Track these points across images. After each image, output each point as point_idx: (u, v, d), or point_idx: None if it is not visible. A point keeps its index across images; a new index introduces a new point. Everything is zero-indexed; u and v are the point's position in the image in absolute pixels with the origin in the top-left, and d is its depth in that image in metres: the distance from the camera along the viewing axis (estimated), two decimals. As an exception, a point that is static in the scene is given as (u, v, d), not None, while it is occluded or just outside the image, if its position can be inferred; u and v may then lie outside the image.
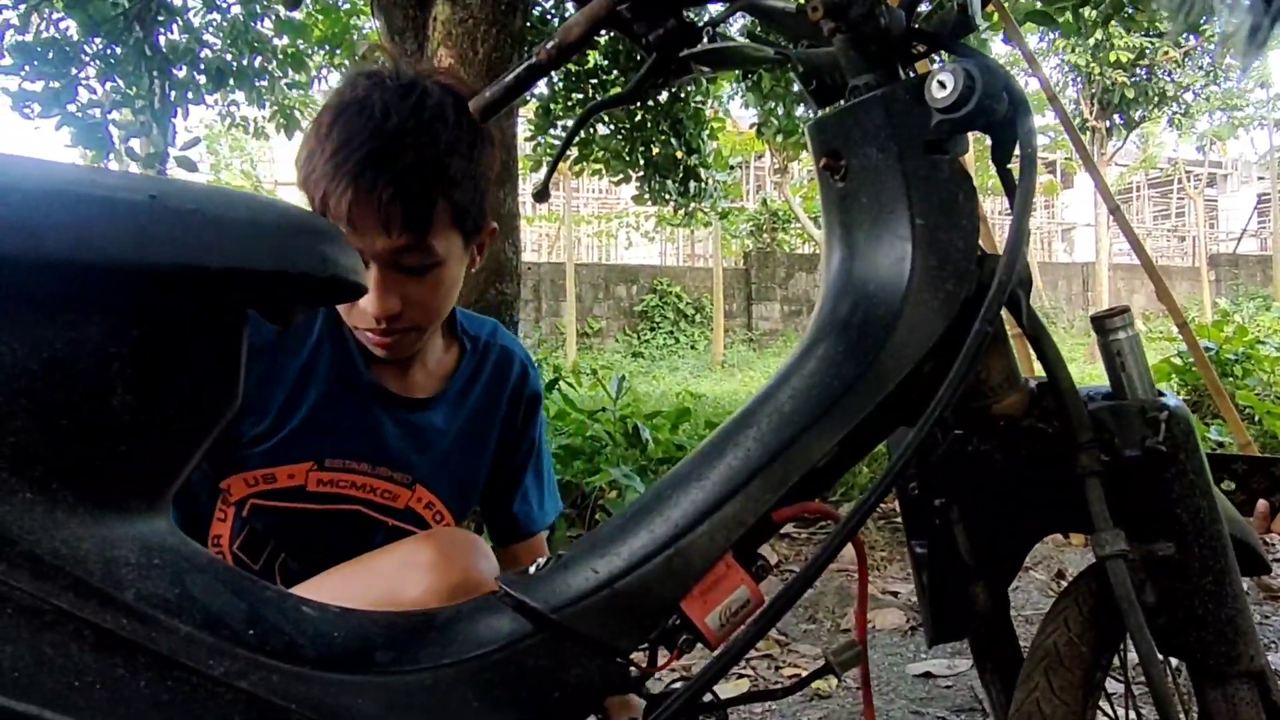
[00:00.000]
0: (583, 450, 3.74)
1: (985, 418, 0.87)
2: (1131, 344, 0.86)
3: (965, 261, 0.80)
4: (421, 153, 1.07)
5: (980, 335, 0.71)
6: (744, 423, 0.78)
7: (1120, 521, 0.82)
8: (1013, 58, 10.87)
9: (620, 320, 13.79)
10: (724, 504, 0.73)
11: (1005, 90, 0.79)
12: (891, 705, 2.20)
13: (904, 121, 0.80)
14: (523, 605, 0.71)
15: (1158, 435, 0.82)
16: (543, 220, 16.80)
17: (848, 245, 0.85)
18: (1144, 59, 13.01)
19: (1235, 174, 25.88)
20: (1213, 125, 20.77)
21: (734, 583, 0.72)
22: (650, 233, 15.84)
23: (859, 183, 0.83)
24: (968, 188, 0.81)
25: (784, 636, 2.66)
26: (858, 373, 0.76)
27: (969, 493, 0.95)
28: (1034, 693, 0.86)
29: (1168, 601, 0.85)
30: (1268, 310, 15.89)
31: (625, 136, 7.27)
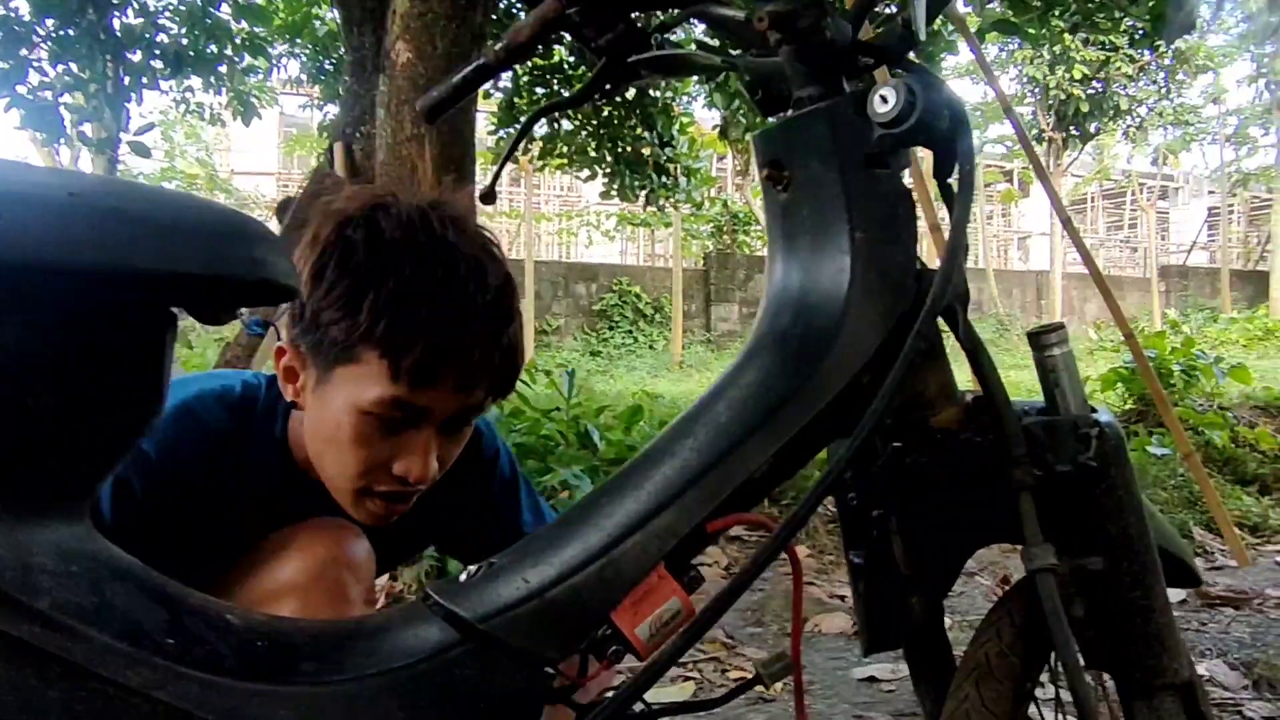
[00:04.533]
0: (536, 449, 3.72)
1: (923, 430, 0.87)
2: (1065, 360, 0.87)
3: (904, 275, 0.80)
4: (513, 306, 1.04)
5: (914, 349, 0.71)
6: (681, 433, 0.78)
7: (1052, 535, 0.84)
8: (971, 67, 11.03)
9: (579, 318, 13.76)
10: (657, 514, 0.73)
11: (946, 106, 0.80)
12: (834, 709, 2.22)
13: (846, 135, 0.81)
14: (451, 614, 0.70)
15: (1089, 451, 0.83)
16: (503, 217, 16.71)
17: (789, 257, 0.85)
18: (1100, 73, 13.24)
19: (1187, 187, 26.42)
20: (1166, 139, 21.20)
21: (665, 594, 0.72)
22: (611, 231, 15.82)
23: (801, 194, 0.83)
24: (907, 202, 0.82)
25: (731, 639, 2.67)
26: (795, 385, 0.76)
27: (906, 504, 0.95)
28: (964, 703, 0.87)
29: (1096, 615, 0.86)
30: (1215, 322, 16.25)
31: (592, 133, 7.26)
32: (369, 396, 0.97)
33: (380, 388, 0.96)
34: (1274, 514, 4.07)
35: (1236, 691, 2.35)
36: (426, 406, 0.99)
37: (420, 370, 0.96)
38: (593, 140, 7.33)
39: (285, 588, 1.04)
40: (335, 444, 1.02)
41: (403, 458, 1.01)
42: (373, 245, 0.99)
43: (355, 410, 0.98)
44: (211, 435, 1.10)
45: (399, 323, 0.95)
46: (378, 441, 1.00)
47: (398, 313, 0.96)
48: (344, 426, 0.99)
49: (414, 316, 0.96)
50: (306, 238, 1.03)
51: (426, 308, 0.96)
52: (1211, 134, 21.47)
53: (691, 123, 8.36)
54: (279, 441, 1.14)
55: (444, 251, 0.99)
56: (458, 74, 1.07)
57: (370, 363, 0.96)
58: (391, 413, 0.98)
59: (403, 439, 1.00)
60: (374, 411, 0.98)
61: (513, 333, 1.03)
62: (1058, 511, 0.85)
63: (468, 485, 1.24)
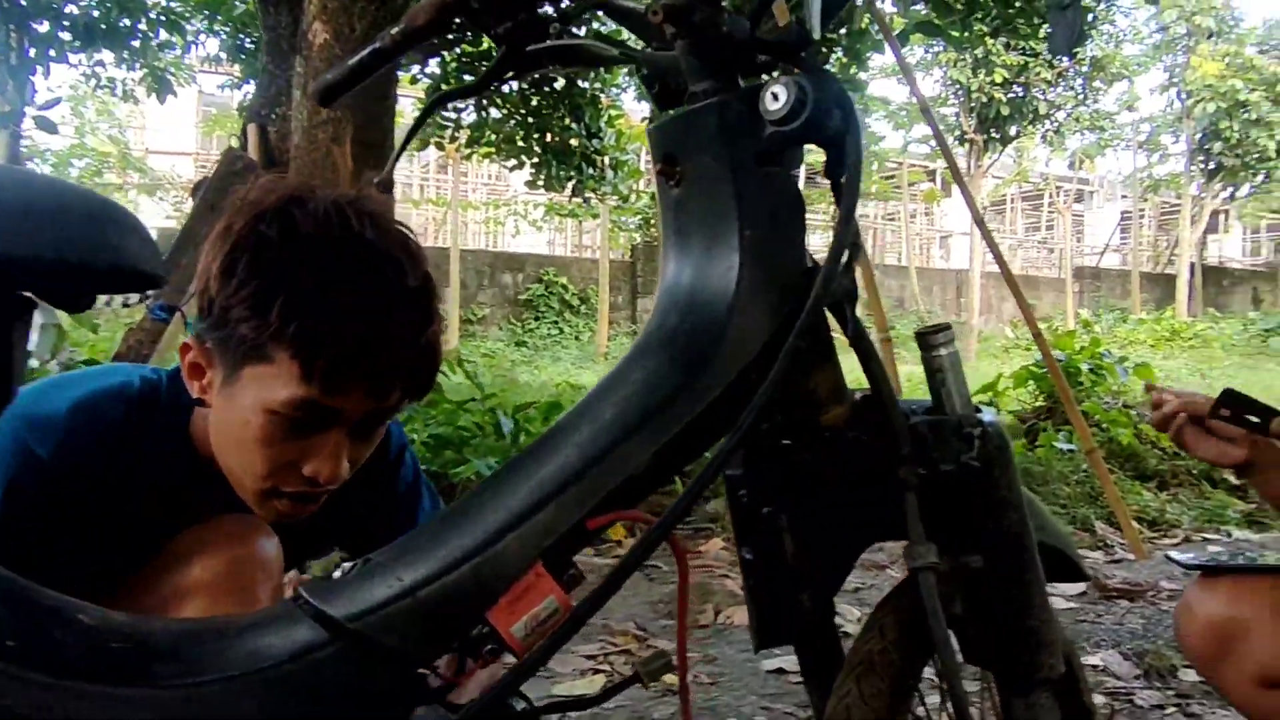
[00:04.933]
0: (452, 440, 3.69)
1: (812, 428, 0.88)
2: (952, 360, 0.88)
3: (793, 273, 0.80)
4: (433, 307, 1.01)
5: (795, 347, 0.71)
6: (563, 430, 0.77)
7: (936, 533, 0.85)
8: (897, 68, 11.21)
9: (505, 308, 13.66)
10: (536, 512, 0.72)
11: (837, 105, 0.80)
12: (743, 701, 2.24)
13: (737, 131, 0.80)
14: (321, 614, 0.68)
15: (972, 450, 0.85)
16: (429, 204, 16.49)
17: (681, 253, 0.84)
18: (1020, 77, 13.57)
19: (1101, 191, 27.26)
20: (1082, 144, 21.83)
21: (543, 592, 0.71)
22: (539, 221, 15.72)
23: (692, 190, 0.83)
24: (796, 201, 0.82)
25: (643, 631, 2.67)
26: (679, 382, 0.76)
27: (797, 501, 0.96)
28: (845, 699, 0.87)
29: (976, 612, 0.88)
30: (1125, 322, 16.83)
31: (520, 122, 7.20)
32: (279, 397, 0.94)
33: (291, 389, 0.93)
34: (1171, 509, 4.23)
35: (1129, 681, 2.43)
36: (339, 408, 0.96)
37: (334, 372, 0.93)
38: (520, 130, 7.27)
39: (192, 587, 1.02)
40: (242, 444, 0.98)
41: (313, 459, 0.98)
42: (287, 241, 0.94)
43: (264, 410, 0.95)
44: (110, 433, 1.05)
45: (313, 323, 0.92)
46: (287, 442, 0.97)
47: (312, 313, 0.92)
48: (252, 426, 0.96)
49: (329, 317, 0.92)
50: (218, 229, 0.99)
51: (342, 308, 0.93)
52: (1125, 140, 22.17)
53: (620, 115, 8.35)
54: (183, 439, 1.10)
55: (361, 249, 0.95)
56: (353, 58, 1.05)
57: (281, 363, 0.93)
58: (302, 414, 0.95)
59: (313, 440, 0.98)
60: (284, 412, 0.94)
61: (431, 334, 1.00)
62: (941, 510, 0.86)
63: (373, 483, 1.21)
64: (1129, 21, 18.15)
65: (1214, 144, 18.20)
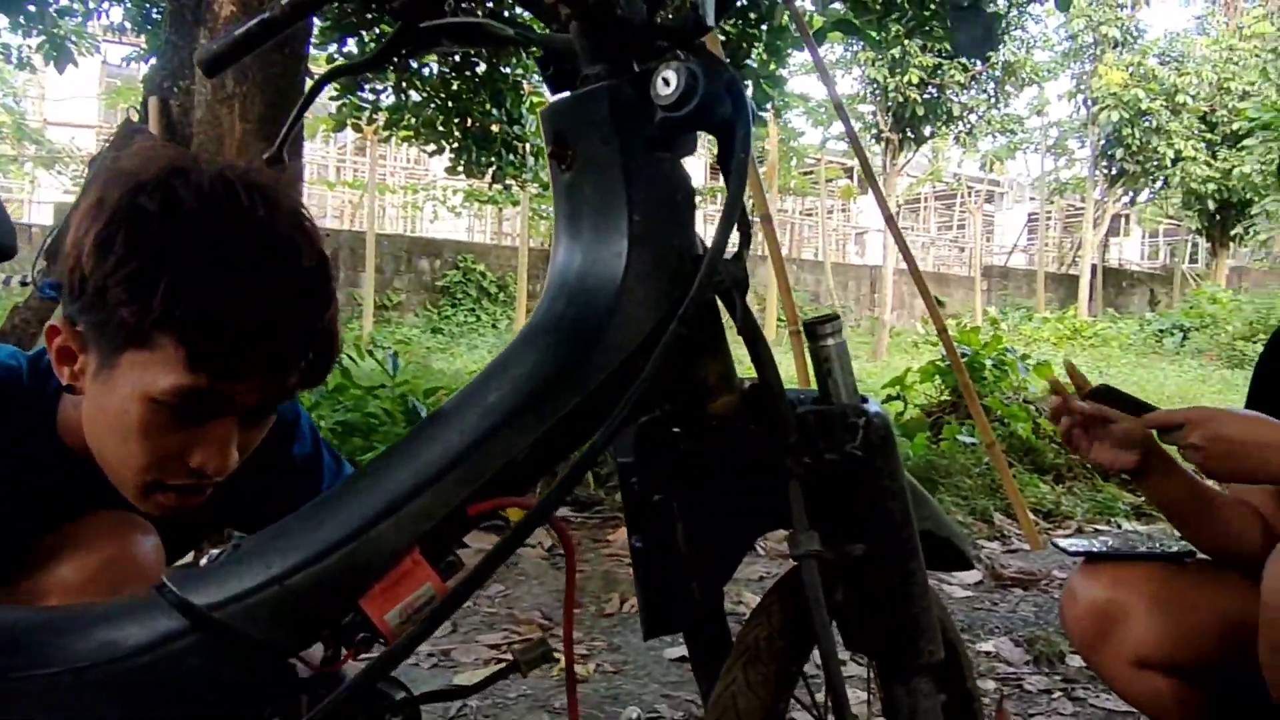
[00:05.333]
0: (360, 427, 3.62)
1: (701, 417, 0.88)
2: (839, 351, 0.89)
3: (682, 260, 0.80)
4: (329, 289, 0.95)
5: (676, 334, 0.71)
6: (446, 415, 0.75)
7: (820, 522, 0.85)
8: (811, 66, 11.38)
9: (421, 295, 13.47)
10: (414, 497, 0.70)
11: (728, 92, 0.80)
12: (645, 689, 2.25)
13: (628, 115, 0.80)
14: (182, 603, 0.65)
15: (856, 440, 0.86)
16: (346, 186, 16.14)
17: (572, 238, 0.84)
18: (935, 78, 13.88)
19: (1011, 193, 28.09)
20: (994, 146, 22.45)
21: (419, 579, 0.69)
22: (458, 207, 15.52)
23: (583, 173, 0.82)
24: (686, 187, 0.81)
25: (548, 621, 2.66)
26: (564, 368, 0.75)
27: (688, 490, 0.95)
28: (730, 686, 0.88)
29: (858, 600, 0.89)
30: (1030, 320, 17.37)
31: (440, 106, 7.08)
32: (162, 385, 0.87)
33: (176, 376, 0.87)
34: (1065, 501, 4.38)
35: (1019, 666, 2.51)
36: (229, 396, 0.90)
37: (223, 359, 0.87)
38: (440, 114, 7.15)
39: (61, 589, 0.96)
40: (120, 435, 0.92)
41: (200, 449, 0.92)
42: (169, 217, 0.88)
43: (145, 399, 0.88)
44: None
45: (201, 307, 0.85)
46: (171, 432, 0.91)
47: (199, 295, 0.85)
48: (131, 416, 0.90)
49: (218, 300, 0.86)
50: (90, 201, 0.92)
51: (232, 291, 0.86)
52: (1034, 144, 22.88)
53: (542, 101, 8.27)
54: (49, 430, 1.03)
55: (251, 227, 0.89)
56: (241, 27, 1.01)
57: (165, 349, 0.87)
58: (188, 403, 0.89)
59: (200, 430, 0.92)
60: (167, 401, 0.88)
61: (329, 318, 0.96)
62: (826, 499, 0.87)
63: (266, 461, 1.16)
64: (1040, 28, 18.69)
65: (1117, 150, 18.88)
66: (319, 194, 16.81)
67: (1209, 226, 19.34)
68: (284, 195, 0.95)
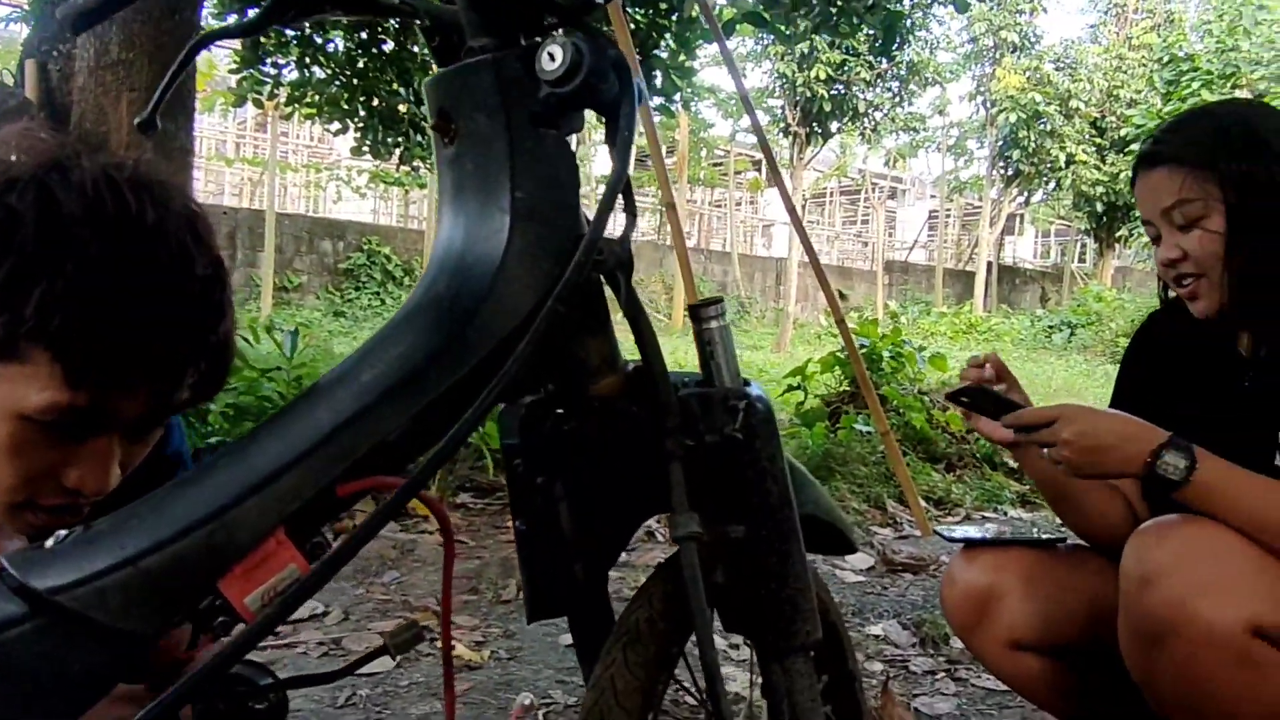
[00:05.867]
0: (253, 410, 3.51)
1: (583, 398, 0.87)
2: (722, 334, 0.89)
3: (564, 239, 0.79)
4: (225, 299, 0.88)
5: (551, 313, 0.70)
6: (318, 392, 0.73)
7: (702, 504, 0.86)
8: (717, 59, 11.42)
9: (323, 277, 13.15)
10: (280, 476, 0.68)
11: (614, 70, 0.79)
12: (539, 675, 2.24)
13: (512, 90, 0.78)
14: (22, 587, 0.62)
15: (736, 423, 0.86)
16: (245, 163, 15.63)
17: (455, 213, 0.82)
18: (842, 75, 14.12)
19: (913, 190, 28.81)
20: (897, 144, 22.99)
21: (283, 561, 0.67)
22: (363, 188, 15.18)
23: (466, 148, 0.80)
24: (571, 165, 0.81)
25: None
26: (440, 346, 0.73)
27: (571, 472, 0.95)
28: (610, 668, 0.88)
29: (736, 582, 0.90)
30: (929, 314, 17.88)
31: (345, 84, 6.90)
32: (34, 403, 0.80)
33: (51, 393, 0.79)
34: (956, 489, 4.52)
35: (906, 648, 2.58)
36: (110, 412, 0.83)
37: (103, 376, 0.80)
38: (345, 91, 6.96)
39: None
40: None
41: (77, 468, 0.84)
42: (45, 220, 0.80)
43: (15, 416, 0.80)
44: None
45: (79, 320, 0.78)
46: (43, 451, 0.83)
47: (78, 307, 0.78)
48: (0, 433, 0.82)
49: (99, 313, 0.79)
50: None
51: (113, 303, 0.79)
52: (936, 142, 23.50)
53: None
54: None
55: (138, 233, 0.81)
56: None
57: (39, 363, 0.79)
58: (64, 420, 0.81)
59: (78, 448, 0.84)
60: (40, 419, 0.80)
61: (224, 331, 0.88)
62: (707, 481, 0.87)
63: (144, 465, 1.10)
64: (943, 30, 19.18)
65: (1013, 151, 19.54)
66: (216, 170, 16.26)
67: (1097, 227, 20.18)
68: (176, 195, 0.87)
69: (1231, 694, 1.06)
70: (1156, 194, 1.28)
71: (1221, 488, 1.13)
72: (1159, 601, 1.08)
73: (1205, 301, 1.27)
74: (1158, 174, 1.28)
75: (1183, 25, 17.72)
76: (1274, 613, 1.05)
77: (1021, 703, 2.18)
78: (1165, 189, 1.26)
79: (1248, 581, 1.06)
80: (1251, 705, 1.06)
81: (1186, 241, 1.26)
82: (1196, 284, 1.27)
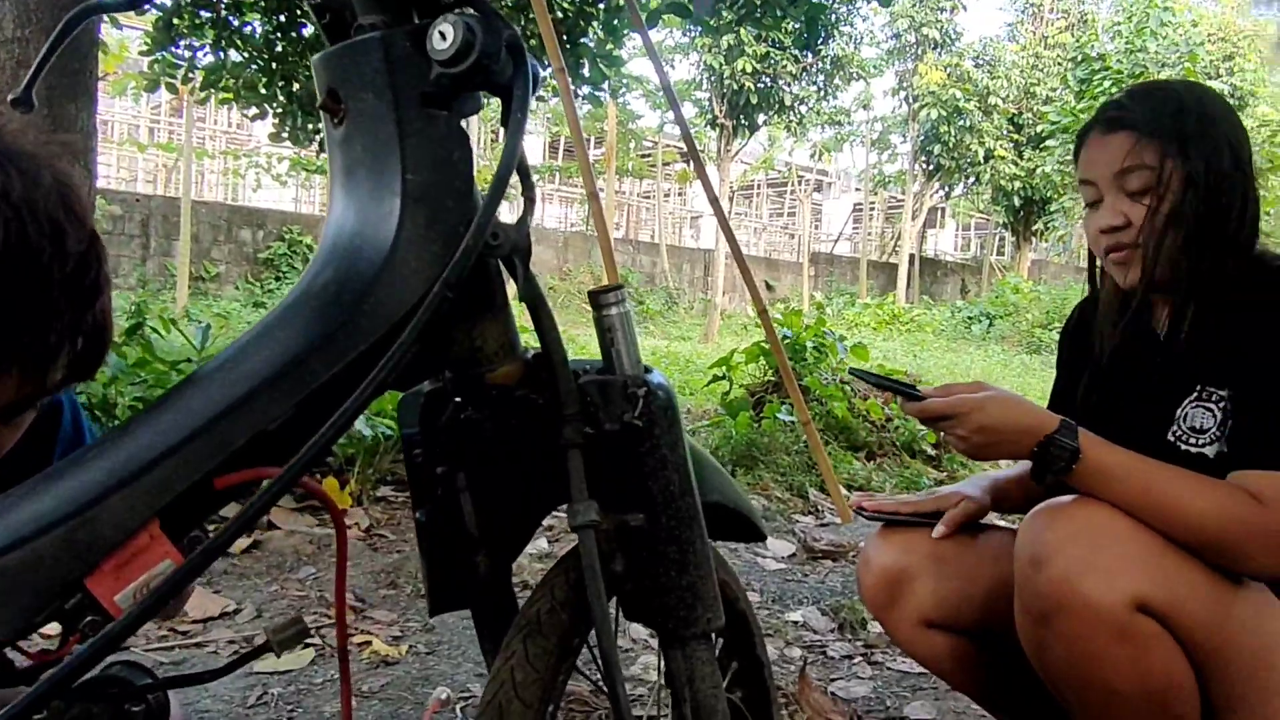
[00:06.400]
0: (161, 404, 3.40)
1: (480, 386, 0.85)
2: (623, 320, 0.88)
3: (456, 223, 0.77)
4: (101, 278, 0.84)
5: (439, 298, 0.68)
6: (197, 381, 0.70)
7: (601, 493, 0.85)
8: (658, 49, 11.40)
9: (243, 266, 12.82)
10: (153, 468, 0.65)
11: (508, 51, 0.77)
12: (459, 670, 2.21)
13: (402, 69, 0.76)
14: None
15: (636, 410, 0.85)
16: (159, 149, 15.14)
17: (346, 196, 0.79)
18: (767, 67, 14.22)
19: (838, 183, 29.21)
20: (823, 137, 23.24)
21: (156, 556, 0.64)
22: (283, 176, 14.82)
23: (355, 129, 0.78)
24: (465, 148, 0.79)
25: (360, 603, 2.58)
26: (326, 332, 0.71)
27: (472, 462, 0.93)
28: (510, 660, 0.86)
29: (636, 570, 0.89)
30: (853, 305, 18.16)
31: (263, 68, 6.72)
32: None
33: None
34: (876, 476, 4.59)
35: (824, 634, 2.62)
36: None
37: None
38: (263, 76, 6.78)
39: None
40: None
41: None
42: None
43: None
44: None
45: None
46: None
47: None
48: None
49: None
50: None
51: None
52: (860, 137, 23.83)
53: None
54: None
55: (8, 210, 0.77)
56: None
57: None
58: None
59: None
60: None
61: (100, 309, 0.85)
62: (607, 469, 0.86)
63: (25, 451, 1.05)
64: (867, 26, 19.46)
65: (934, 146, 19.94)
66: (128, 156, 15.74)
67: (1014, 221, 20.70)
68: (47, 168, 0.83)
69: (1116, 669, 1.09)
70: (1112, 156, 1.27)
71: (1107, 472, 1.16)
72: (1047, 581, 1.11)
73: (1138, 272, 1.28)
74: (1119, 137, 1.28)
75: (1095, 26, 18.26)
76: (1157, 589, 1.08)
77: (936, 684, 2.23)
78: (1123, 153, 1.26)
79: (1131, 560, 1.09)
80: (1135, 679, 1.09)
81: (1134, 211, 1.26)
82: (1131, 253, 1.27)
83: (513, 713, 0.83)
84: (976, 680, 1.52)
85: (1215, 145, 1.25)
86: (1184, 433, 1.26)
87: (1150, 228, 1.25)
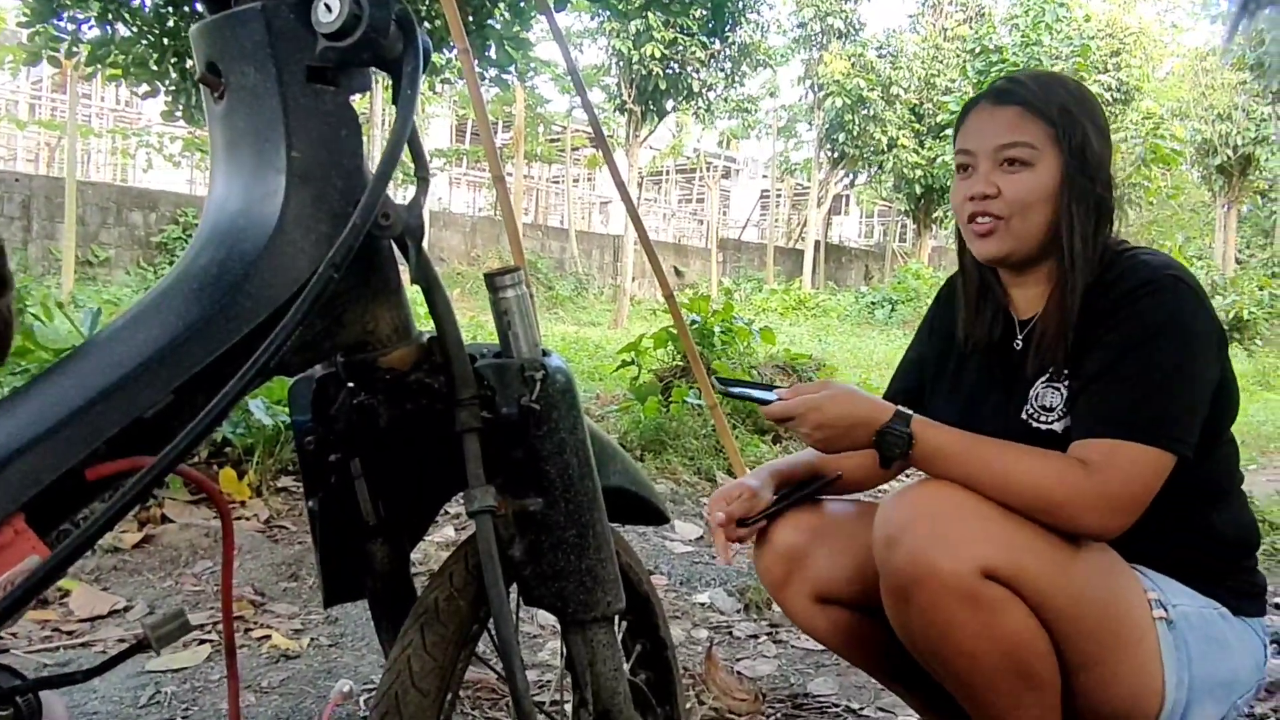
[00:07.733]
0: (44, 394, 3.25)
1: (373, 370, 0.83)
2: (520, 303, 0.87)
3: (343, 202, 0.75)
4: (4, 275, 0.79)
5: (324, 280, 0.66)
6: (67, 365, 0.67)
7: (501, 477, 0.84)
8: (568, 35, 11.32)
9: (134, 250, 12.31)
10: (17, 458, 0.61)
11: (399, 26, 0.75)
12: (362, 662, 2.17)
13: (285, 42, 0.73)
14: None
15: (533, 394, 0.84)
16: (40, 127, 14.42)
17: (228, 173, 0.76)
18: (676, 54, 14.25)
19: (746, 170, 29.48)
20: (730, 125, 23.43)
21: (21, 551, 0.61)
22: (176, 157, 14.25)
23: (237, 103, 0.75)
24: (352, 125, 0.76)
25: (260, 597, 2.51)
26: (206, 315, 0.68)
27: (368, 449, 0.91)
28: (407, 649, 0.85)
29: (535, 555, 0.88)
30: (760, 291, 18.39)
31: (154, 43, 6.44)
32: None
33: None
34: (782, 459, 4.66)
35: (730, 615, 2.65)
36: None
37: None
38: (154, 51, 6.50)
39: None
40: None
41: None
42: None
43: None
44: None
45: None
46: None
47: None
48: None
49: None
50: None
51: None
52: (767, 125, 24.09)
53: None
54: None
55: None
56: None
57: None
58: None
59: None
60: None
61: (3, 307, 0.81)
62: (505, 454, 0.85)
63: None
64: (774, 14, 19.63)
65: (839, 135, 20.27)
66: (7, 133, 14.96)
67: (915, 209, 21.20)
68: None
69: (970, 634, 1.14)
70: (998, 129, 1.31)
71: (941, 453, 1.22)
72: (900, 558, 1.16)
73: (998, 244, 1.32)
74: (1008, 111, 1.31)
75: (992, 19, 18.78)
76: (1000, 556, 1.14)
77: (838, 661, 2.27)
78: (1009, 127, 1.30)
79: (975, 531, 1.15)
80: (989, 643, 1.14)
81: (1007, 183, 1.30)
82: (995, 224, 1.31)
83: (409, 702, 0.82)
84: (869, 654, 1.55)
85: (1091, 135, 1.31)
86: (1036, 411, 1.33)
87: (1020, 205, 1.29)
